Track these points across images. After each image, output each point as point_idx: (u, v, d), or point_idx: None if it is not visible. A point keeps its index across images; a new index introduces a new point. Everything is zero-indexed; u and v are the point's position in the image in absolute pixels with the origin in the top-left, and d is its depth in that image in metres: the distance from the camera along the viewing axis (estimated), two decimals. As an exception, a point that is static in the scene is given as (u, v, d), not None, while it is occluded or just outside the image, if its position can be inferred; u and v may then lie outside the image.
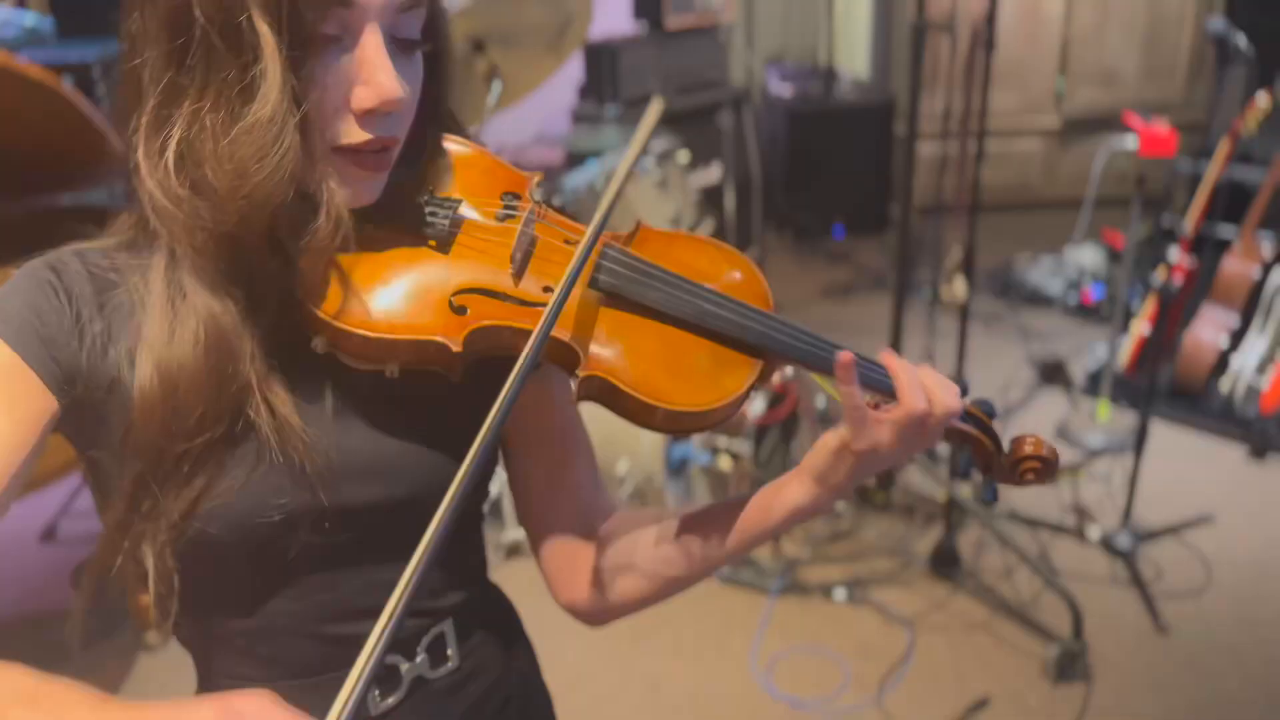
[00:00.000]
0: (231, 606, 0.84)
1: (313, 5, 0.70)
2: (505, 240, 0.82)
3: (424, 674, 0.88)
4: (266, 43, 0.69)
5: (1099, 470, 3.18)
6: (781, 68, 5.57)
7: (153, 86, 0.73)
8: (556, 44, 2.64)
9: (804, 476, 0.82)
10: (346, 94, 0.74)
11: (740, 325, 0.81)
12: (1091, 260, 4.48)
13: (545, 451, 0.95)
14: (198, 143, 0.72)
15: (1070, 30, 5.17)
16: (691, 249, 0.88)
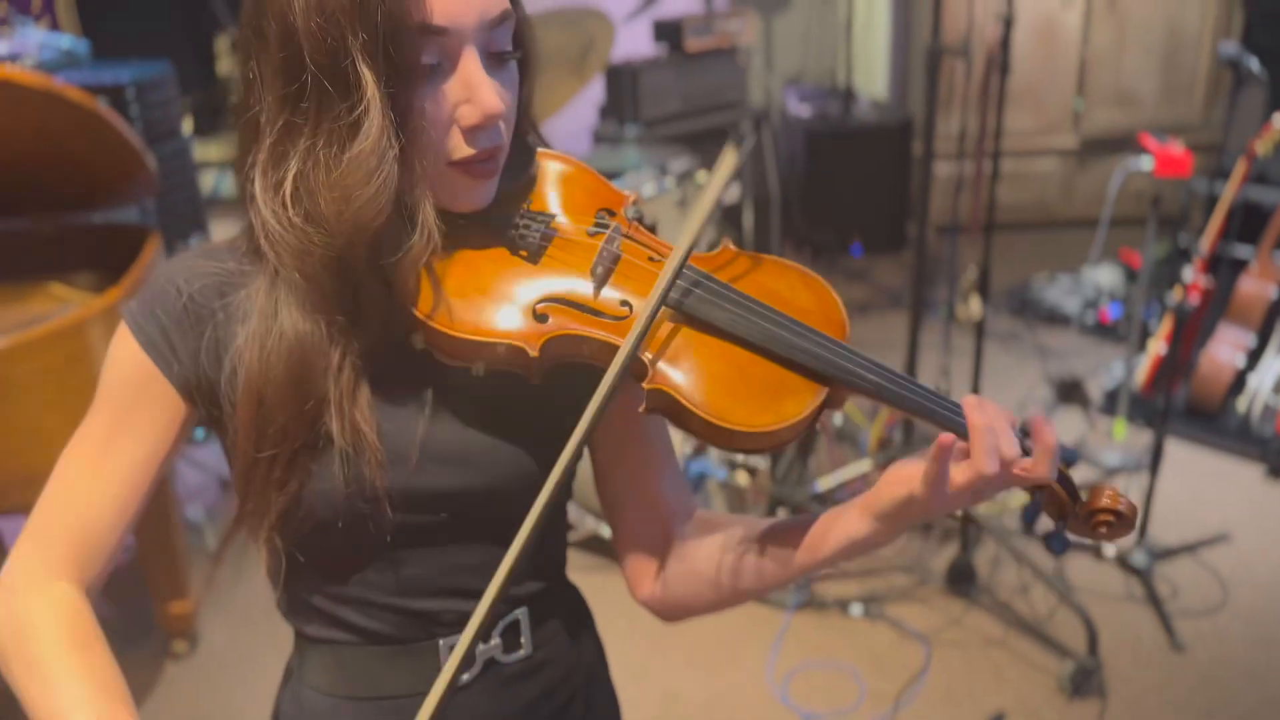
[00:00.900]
0: (327, 577, 0.91)
1: (410, 40, 0.76)
2: (592, 255, 0.86)
3: (497, 657, 0.94)
4: (368, 83, 0.75)
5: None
6: (800, 89, 5.62)
7: (269, 127, 0.80)
8: (579, 67, 2.69)
9: (866, 513, 0.85)
10: (453, 113, 0.80)
11: (805, 350, 0.82)
12: (1109, 279, 4.50)
13: (628, 453, 0.99)
14: (310, 176, 0.79)
15: (1088, 51, 5.20)
16: (772, 273, 0.90)
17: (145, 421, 0.87)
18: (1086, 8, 5.11)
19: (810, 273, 0.90)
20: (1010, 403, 3.73)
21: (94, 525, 0.86)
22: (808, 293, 0.88)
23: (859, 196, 5.18)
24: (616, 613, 2.72)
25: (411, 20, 0.76)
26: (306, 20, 0.75)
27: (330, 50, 0.76)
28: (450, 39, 0.78)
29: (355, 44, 0.75)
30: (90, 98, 2.19)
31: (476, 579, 0.89)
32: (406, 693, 0.91)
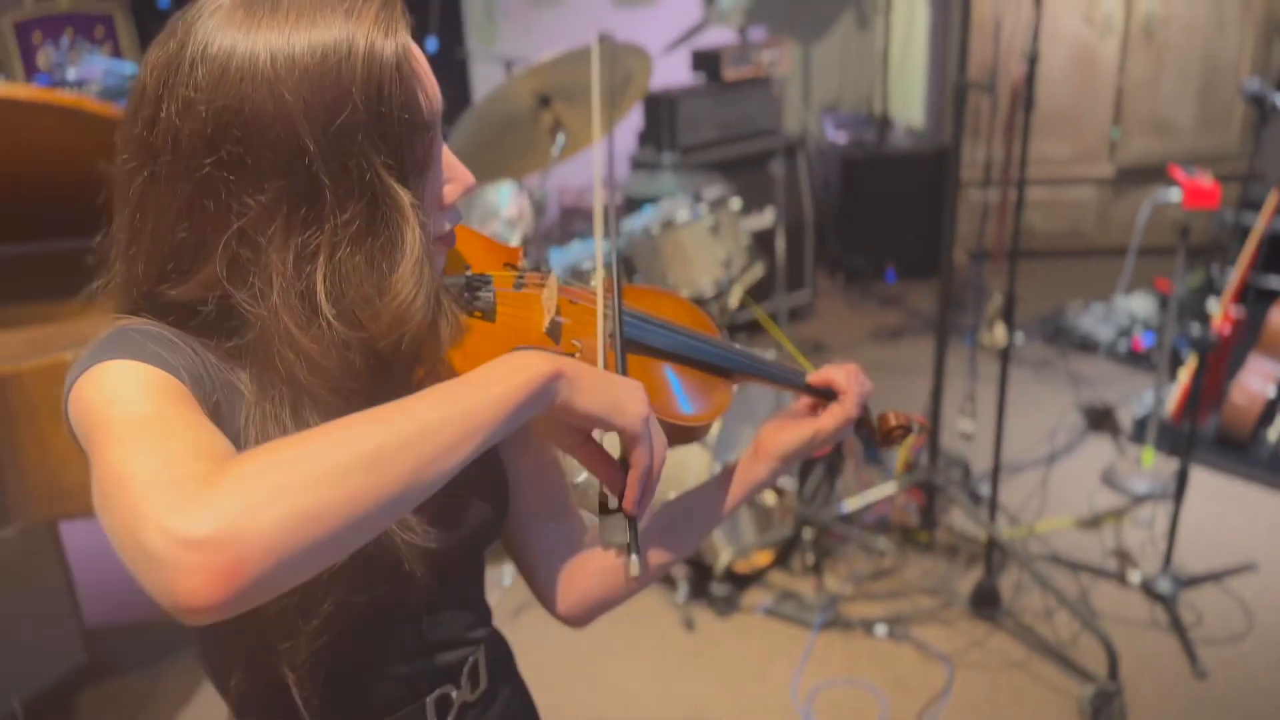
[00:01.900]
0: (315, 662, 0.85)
1: (419, 140, 0.79)
2: (530, 303, 0.95)
3: (466, 699, 0.99)
4: (402, 199, 0.77)
5: (1142, 516, 3.22)
6: (836, 116, 5.70)
7: (287, 246, 0.76)
8: (617, 99, 2.79)
9: (770, 457, 1.09)
10: (439, 195, 0.84)
11: (720, 355, 1.05)
12: (1143, 308, 4.52)
13: (532, 468, 1.05)
14: (345, 291, 0.76)
15: (1125, 80, 5.22)
16: (659, 299, 1.10)
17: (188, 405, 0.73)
18: (1124, 37, 5.15)
19: (675, 294, 1.14)
20: (1040, 429, 3.77)
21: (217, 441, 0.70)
22: (682, 308, 1.11)
23: (893, 223, 5.24)
24: (646, 630, 2.79)
25: (419, 121, 0.78)
26: (323, 144, 0.74)
27: (357, 169, 0.75)
28: (433, 131, 0.81)
29: (377, 161, 0.75)
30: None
31: (451, 630, 0.96)
32: None
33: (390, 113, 0.76)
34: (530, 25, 5.08)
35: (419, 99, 0.78)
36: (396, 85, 0.76)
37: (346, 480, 0.61)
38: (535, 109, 2.68)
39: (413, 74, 0.78)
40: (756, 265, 3.16)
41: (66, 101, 2.09)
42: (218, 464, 0.62)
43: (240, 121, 0.74)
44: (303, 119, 0.73)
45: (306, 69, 0.74)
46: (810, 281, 4.92)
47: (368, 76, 0.75)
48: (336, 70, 0.74)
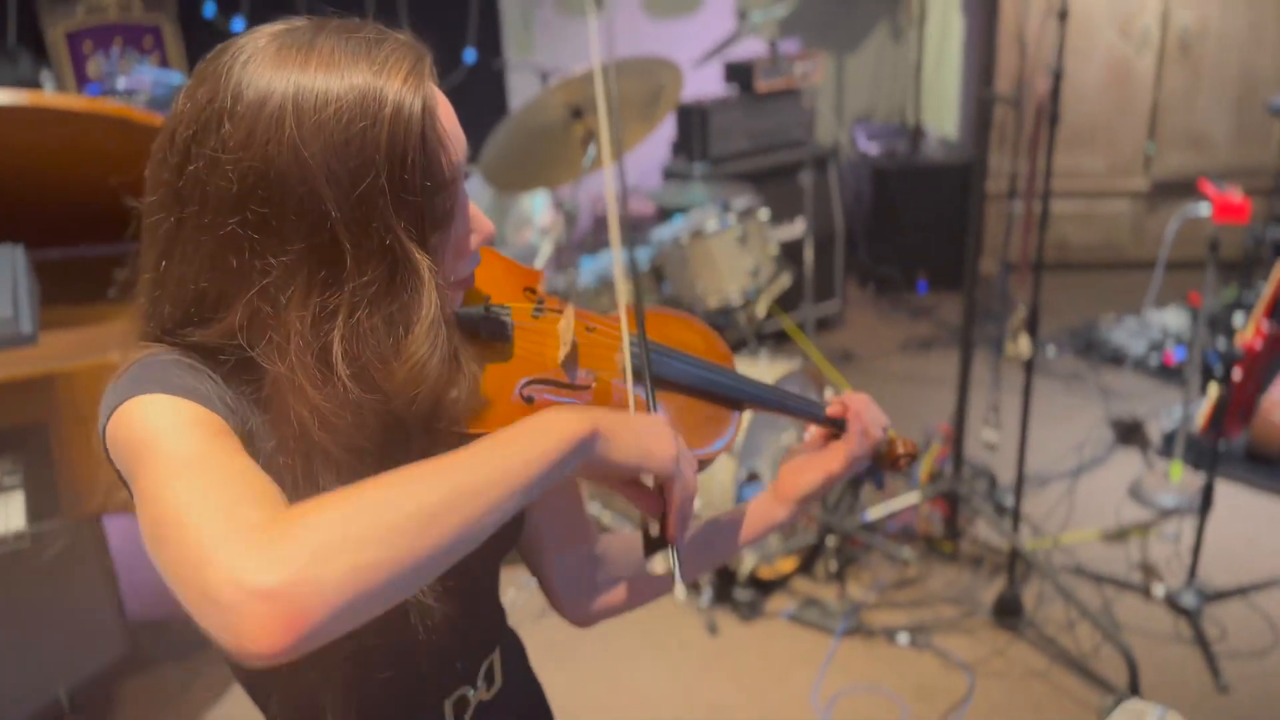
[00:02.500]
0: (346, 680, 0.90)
1: (440, 203, 0.81)
2: (546, 333, 0.96)
3: (483, 698, 1.04)
4: (421, 264, 0.79)
5: (1169, 530, 3.22)
6: (869, 127, 5.72)
7: (304, 306, 0.77)
8: (649, 112, 2.85)
9: (788, 500, 1.11)
10: (462, 244, 0.86)
11: (730, 386, 1.05)
12: (1175, 322, 4.50)
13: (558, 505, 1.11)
14: (362, 352, 0.78)
15: (1161, 94, 5.21)
16: (676, 325, 1.10)
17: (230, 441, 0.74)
18: (1160, 51, 5.13)
19: (691, 317, 1.12)
20: (1069, 441, 3.77)
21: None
22: (699, 336, 1.10)
23: (925, 234, 5.26)
24: (669, 634, 2.84)
25: (441, 180, 0.80)
26: (342, 207, 0.75)
27: (375, 232, 0.76)
28: (458, 183, 0.83)
29: (398, 225, 0.77)
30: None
31: (469, 630, 0.99)
32: None
33: (413, 180, 0.77)
34: (566, 36, 5.16)
35: (441, 161, 0.79)
36: (420, 151, 0.77)
37: (401, 537, 0.63)
38: (568, 120, 2.75)
39: (438, 136, 0.79)
40: (784, 275, 3.20)
41: (114, 111, 2.17)
42: (276, 511, 0.64)
43: (265, 183, 0.75)
44: (326, 184, 0.74)
45: (332, 134, 0.74)
46: (840, 292, 4.94)
47: (391, 144, 0.76)
48: (361, 136, 0.75)
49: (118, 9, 4.53)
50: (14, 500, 1.72)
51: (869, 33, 5.84)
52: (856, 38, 5.83)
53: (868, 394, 1.14)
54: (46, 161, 2.32)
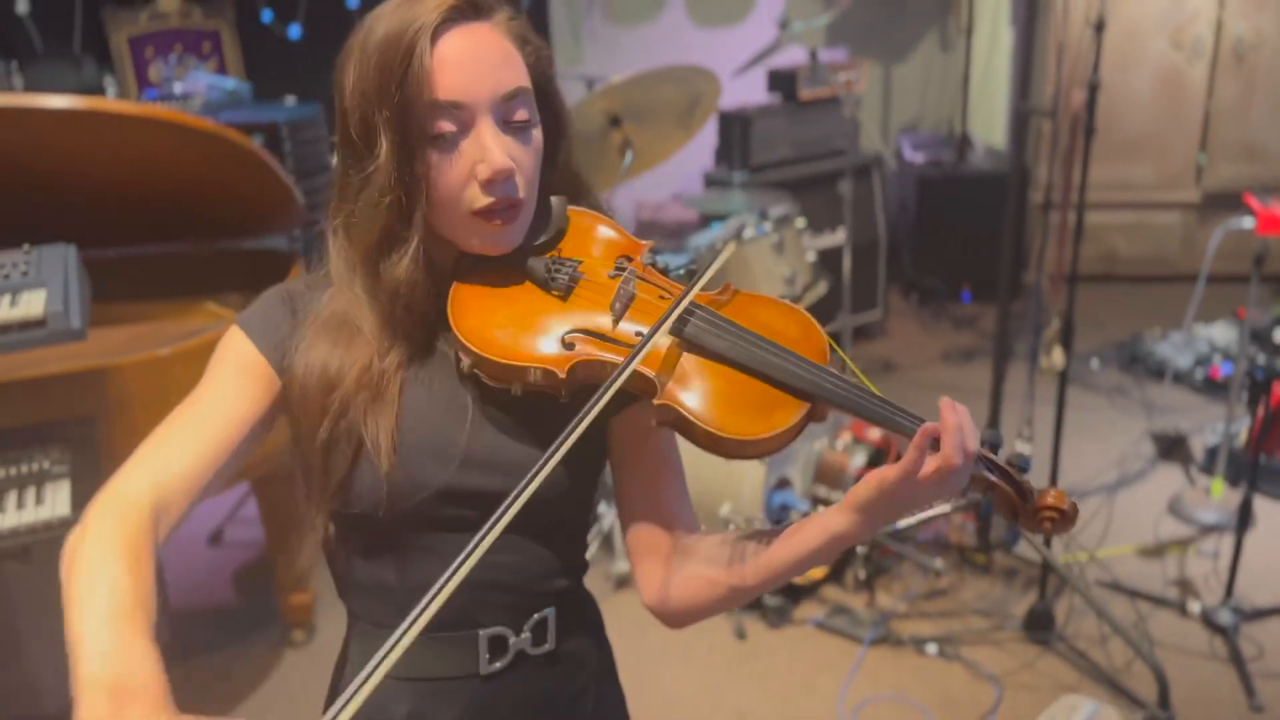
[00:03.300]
0: (373, 564, 1.05)
1: (427, 113, 0.96)
2: (609, 290, 1.04)
3: (526, 649, 1.08)
4: (383, 149, 0.96)
5: (1207, 547, 3.18)
6: (914, 136, 5.70)
7: (337, 181, 1.03)
8: (686, 120, 2.88)
9: (845, 507, 0.96)
10: (471, 170, 0.97)
11: (790, 371, 0.97)
12: (1223, 336, 4.43)
13: (642, 467, 1.12)
14: (349, 216, 1.01)
15: (1213, 104, 5.13)
16: (765, 308, 1.05)
17: (243, 391, 1.02)
18: (1213, 61, 5.06)
19: (797, 308, 1.06)
20: (1111, 457, 3.74)
21: (180, 473, 0.96)
22: (795, 325, 1.04)
23: (971, 243, 5.22)
24: (697, 637, 2.86)
25: (425, 98, 0.95)
26: (352, 99, 0.98)
27: (363, 122, 0.97)
28: (465, 111, 0.96)
29: (380, 119, 0.95)
30: (248, 138, 2.47)
31: (508, 575, 1.05)
32: (447, 675, 1.06)
33: (393, 86, 0.94)
34: (614, 45, 5.21)
35: (428, 78, 0.94)
36: (405, 62, 0.94)
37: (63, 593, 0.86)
38: (606, 128, 2.79)
39: (427, 57, 0.94)
40: (821, 283, 3.21)
41: (166, 115, 2.26)
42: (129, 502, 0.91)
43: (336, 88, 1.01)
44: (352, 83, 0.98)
45: (364, 50, 0.97)
46: (882, 301, 4.93)
47: (386, 50, 0.95)
48: (374, 48, 0.96)
49: (179, 15, 4.66)
50: (61, 489, 1.79)
51: (918, 42, 5.83)
52: (905, 47, 5.82)
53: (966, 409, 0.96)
54: (101, 164, 2.42)
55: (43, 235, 2.06)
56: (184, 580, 3.21)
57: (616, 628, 1.25)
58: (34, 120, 2.19)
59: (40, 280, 1.77)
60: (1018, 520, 1.00)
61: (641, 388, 1.00)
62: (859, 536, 0.97)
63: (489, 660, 1.06)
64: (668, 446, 1.12)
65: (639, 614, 1.19)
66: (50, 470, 1.81)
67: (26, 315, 1.68)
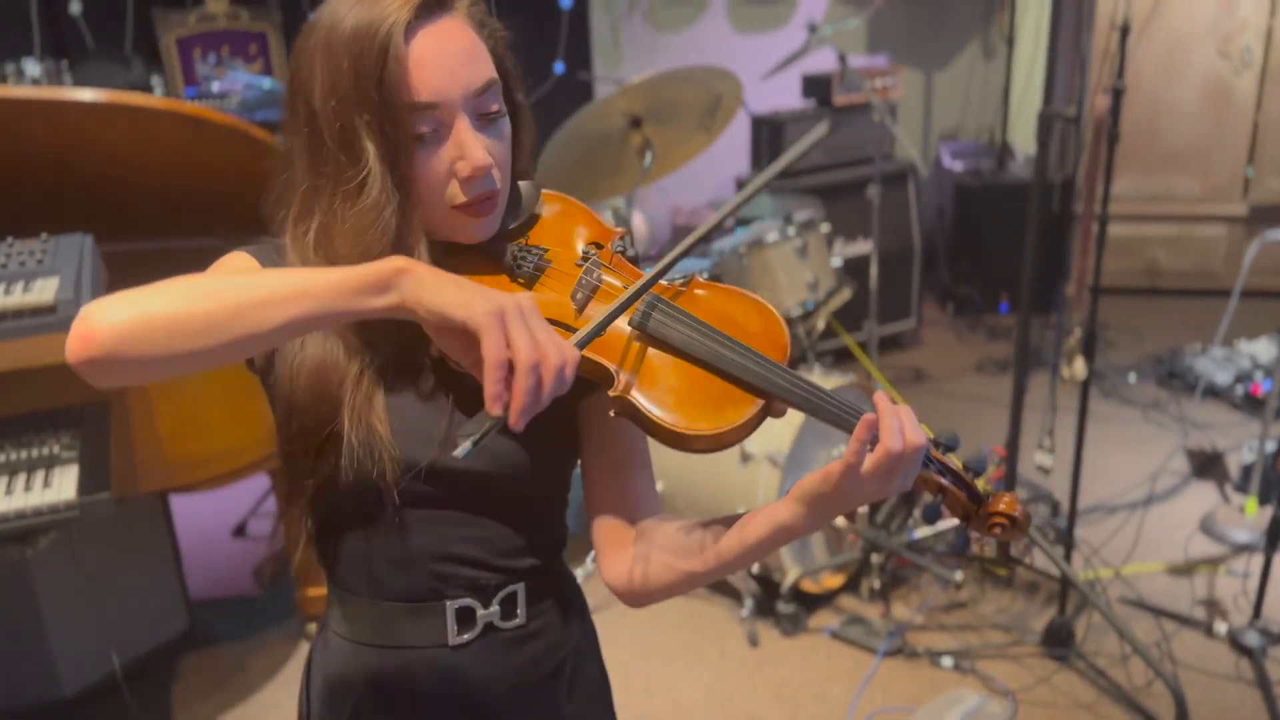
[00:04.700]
0: (351, 536, 1.07)
1: (405, 115, 0.95)
2: (574, 278, 1.03)
3: (495, 622, 1.09)
4: (369, 153, 0.95)
5: (1238, 567, 3.10)
6: (953, 144, 5.64)
7: (299, 187, 1.01)
8: (707, 122, 2.87)
9: (790, 499, 0.98)
10: (450, 168, 0.98)
11: (744, 367, 0.96)
12: (1265, 353, 4.32)
13: (606, 452, 1.13)
14: (330, 225, 0.99)
15: (1261, 117, 5.01)
16: (729, 301, 1.03)
17: None
18: (1262, 71, 4.94)
19: (762, 302, 1.04)
20: (1144, 472, 3.66)
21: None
22: (758, 319, 1.02)
23: (1009, 253, 5.14)
24: (709, 642, 2.84)
25: (404, 101, 0.94)
26: (324, 103, 0.96)
27: (342, 127, 0.95)
28: (441, 110, 0.96)
29: (360, 122, 0.94)
30: (271, 135, 2.50)
31: (477, 549, 1.06)
32: (416, 645, 1.08)
33: (371, 87, 0.93)
34: (654, 50, 5.22)
35: (410, 80, 0.94)
36: (380, 63, 0.93)
37: (180, 308, 0.85)
38: (626, 130, 2.79)
39: (402, 57, 0.93)
40: (845, 289, 3.19)
41: (191, 111, 2.30)
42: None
43: (294, 84, 0.99)
44: (320, 84, 0.96)
45: (330, 48, 0.95)
46: (916, 310, 4.88)
47: (360, 54, 0.93)
48: (345, 49, 0.94)
49: (226, 17, 4.75)
50: (68, 474, 1.82)
51: (959, 50, 5.77)
52: (947, 55, 5.76)
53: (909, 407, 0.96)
54: (130, 158, 2.46)
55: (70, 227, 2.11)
56: (209, 571, 3.26)
57: (626, 633, 1.25)
58: (62, 113, 2.24)
59: (54, 268, 1.81)
60: (969, 524, 0.99)
61: (599, 376, 0.99)
62: (805, 529, 0.97)
63: (457, 632, 1.08)
64: (632, 434, 1.12)
65: (650, 619, 1.19)
66: (59, 455, 1.84)
67: (38, 301, 1.71)
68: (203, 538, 3.41)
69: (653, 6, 5.23)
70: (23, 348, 1.74)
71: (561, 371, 0.85)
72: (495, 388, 0.84)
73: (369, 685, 1.10)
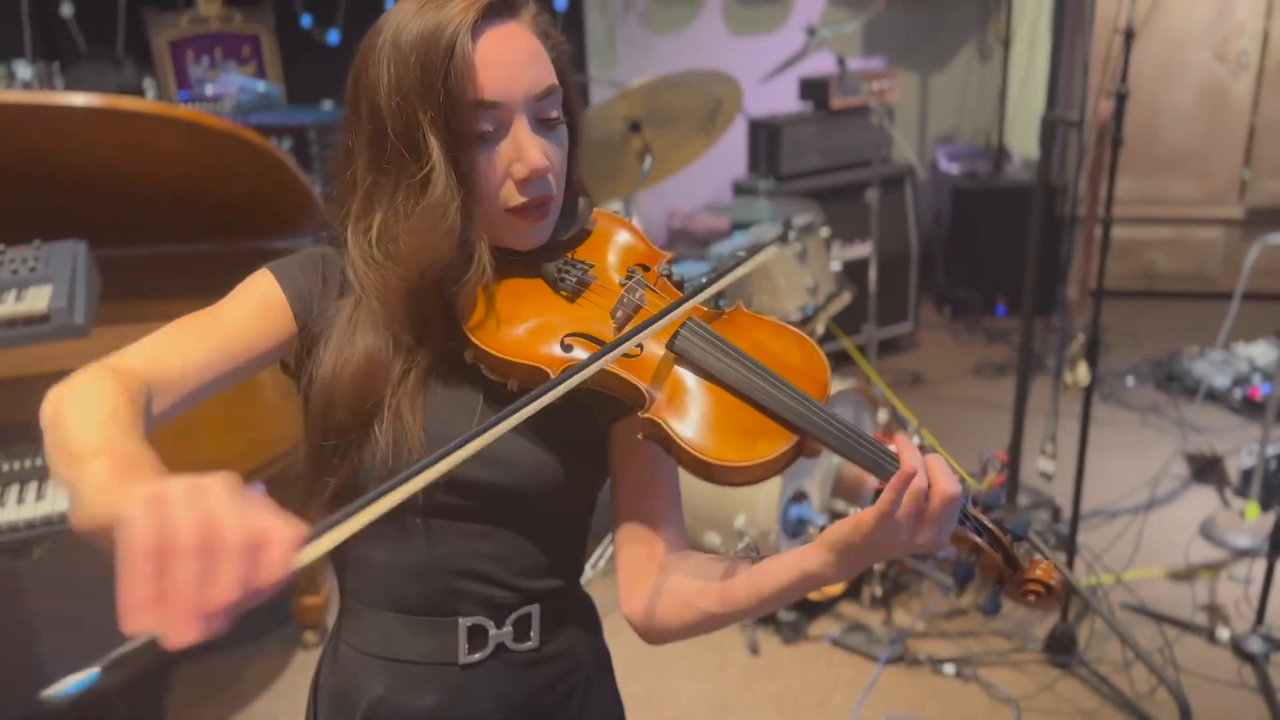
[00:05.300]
0: (366, 546, 1.05)
1: (469, 113, 0.96)
2: (616, 296, 1.02)
3: (507, 643, 1.07)
4: (434, 149, 0.95)
5: (1239, 572, 3.09)
6: (950, 147, 5.63)
7: (360, 186, 1.01)
8: (706, 126, 2.85)
9: (819, 545, 0.95)
10: (507, 169, 0.98)
11: (781, 402, 0.93)
12: (1264, 356, 4.32)
13: (634, 477, 1.10)
14: (392, 223, 0.99)
15: (1258, 119, 5.01)
16: (770, 333, 1.01)
17: (259, 319, 1.01)
18: (1258, 75, 4.94)
19: (806, 338, 1.02)
20: (1142, 475, 3.65)
21: (180, 363, 0.94)
22: (800, 354, 0.99)
23: (1006, 256, 5.14)
24: (710, 651, 2.82)
25: (468, 98, 0.95)
26: (389, 100, 0.96)
27: (406, 124, 0.95)
28: (502, 110, 0.97)
29: (424, 118, 0.95)
30: (265, 140, 2.47)
31: (488, 565, 1.04)
32: (426, 660, 1.06)
33: (439, 86, 0.94)
34: (649, 51, 5.20)
35: (475, 80, 0.95)
36: (446, 62, 0.93)
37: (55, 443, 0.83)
38: (625, 133, 2.77)
39: (468, 57, 0.94)
40: (845, 293, 3.17)
41: (184, 115, 2.27)
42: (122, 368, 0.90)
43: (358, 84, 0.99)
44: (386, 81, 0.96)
45: (399, 49, 0.95)
46: (913, 314, 4.86)
47: (428, 54, 0.94)
48: (414, 50, 0.94)
49: (219, 19, 4.72)
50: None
51: (956, 53, 5.76)
52: (943, 58, 5.75)
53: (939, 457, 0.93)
54: (123, 164, 2.43)
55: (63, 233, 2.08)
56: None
57: (626, 640, 1.22)
58: (55, 118, 2.21)
59: (48, 276, 1.78)
60: (1001, 588, 0.96)
61: (630, 397, 0.98)
62: (832, 577, 0.95)
63: (468, 650, 1.06)
64: (660, 459, 1.10)
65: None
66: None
67: (31, 310, 1.69)
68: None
69: (648, 8, 5.21)
70: (15, 357, 1.71)
71: (257, 554, 0.64)
72: (136, 590, 0.62)
73: (376, 699, 1.08)
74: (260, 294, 1.03)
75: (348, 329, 1.01)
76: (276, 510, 0.67)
